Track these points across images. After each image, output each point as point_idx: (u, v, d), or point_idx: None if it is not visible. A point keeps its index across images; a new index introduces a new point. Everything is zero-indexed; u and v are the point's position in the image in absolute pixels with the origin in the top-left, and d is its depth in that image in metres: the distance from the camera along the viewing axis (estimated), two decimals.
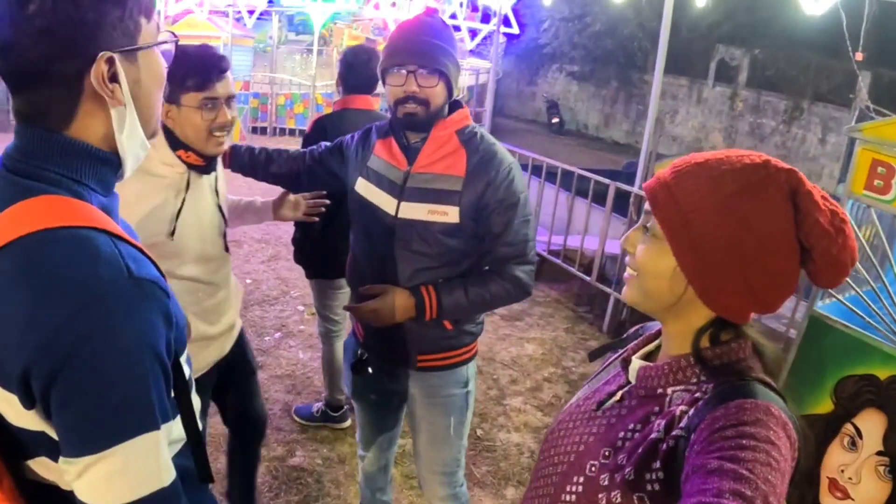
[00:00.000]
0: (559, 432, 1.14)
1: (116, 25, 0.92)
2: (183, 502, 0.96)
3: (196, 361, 2.01)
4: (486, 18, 12.32)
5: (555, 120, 19.26)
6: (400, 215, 1.92)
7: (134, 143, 1.00)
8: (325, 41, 14.01)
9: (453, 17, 12.67)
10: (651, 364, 1.05)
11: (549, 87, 21.14)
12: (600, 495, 0.96)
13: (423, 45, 1.84)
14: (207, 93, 1.83)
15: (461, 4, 13.73)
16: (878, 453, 2.40)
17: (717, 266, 0.94)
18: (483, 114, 9.87)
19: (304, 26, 15.05)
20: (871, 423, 2.45)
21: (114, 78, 0.93)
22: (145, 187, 1.84)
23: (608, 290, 5.09)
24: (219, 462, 3.18)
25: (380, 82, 2.05)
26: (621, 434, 1.01)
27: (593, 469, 1.00)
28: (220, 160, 2.07)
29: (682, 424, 0.92)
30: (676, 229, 0.95)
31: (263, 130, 12.62)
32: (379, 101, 2.85)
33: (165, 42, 1.02)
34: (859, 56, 7.42)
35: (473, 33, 13.38)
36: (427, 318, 1.90)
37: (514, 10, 13.27)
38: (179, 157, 1.90)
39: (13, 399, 0.89)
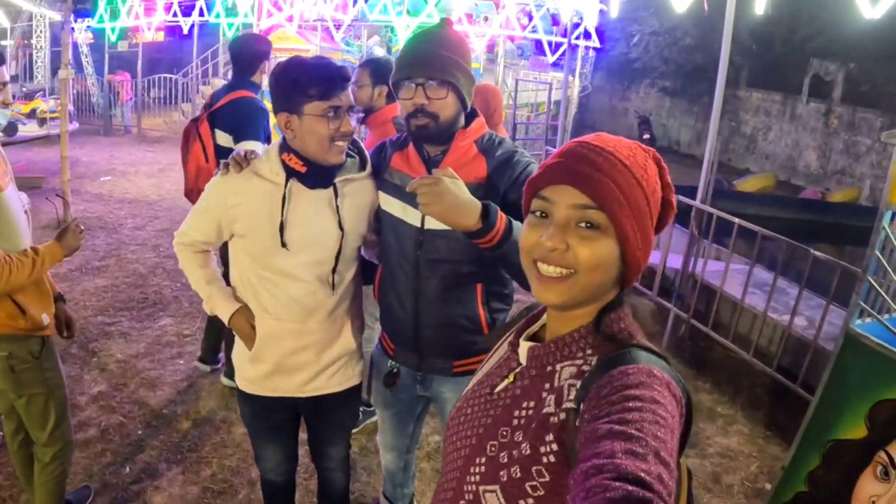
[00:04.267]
0: (459, 419, 1.18)
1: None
2: None
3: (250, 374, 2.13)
4: (566, 32, 12.31)
5: (646, 136, 18.93)
6: (427, 226, 1.92)
7: None
8: None
9: (534, 30, 12.73)
10: (539, 344, 1.09)
11: (640, 102, 20.85)
12: (501, 472, 1.00)
13: (431, 57, 1.81)
14: (332, 101, 1.82)
15: (550, 16, 13.77)
16: None
17: (645, 237, 1.03)
18: (557, 127, 9.82)
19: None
20: None
21: None
22: (252, 188, 1.93)
23: (668, 304, 5.05)
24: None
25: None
26: (516, 413, 1.05)
27: (493, 449, 1.04)
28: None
29: (570, 397, 0.96)
30: (624, 213, 0.99)
31: None
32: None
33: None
34: None
35: (555, 48, 13.38)
36: (493, 232, 1.59)
37: (600, 25, 13.19)
38: (283, 162, 1.92)
39: None
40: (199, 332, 4.61)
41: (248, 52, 3.46)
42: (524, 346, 1.12)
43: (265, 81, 3.52)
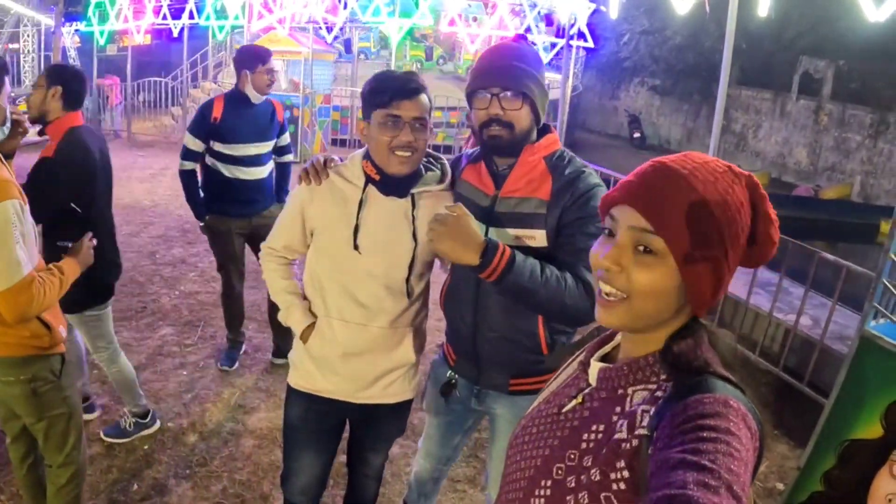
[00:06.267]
0: (523, 437, 1.15)
1: None
2: None
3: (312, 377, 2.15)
4: (560, 32, 12.30)
5: (636, 134, 19.04)
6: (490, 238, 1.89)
7: None
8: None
9: (528, 30, 12.73)
10: (611, 366, 1.07)
11: (630, 101, 20.92)
12: (568, 497, 0.98)
13: (506, 69, 1.84)
14: (390, 110, 1.87)
15: (541, 16, 13.76)
16: None
17: (715, 270, 0.97)
18: (555, 127, 9.82)
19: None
20: None
21: None
22: (334, 188, 2.01)
23: None
24: (273, 454, 3.35)
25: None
26: (585, 436, 1.02)
27: (560, 472, 1.02)
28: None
29: (644, 423, 0.94)
30: (683, 242, 0.95)
31: (344, 142, 13.00)
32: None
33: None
34: None
35: (548, 48, 13.40)
36: (490, 268, 1.68)
37: (592, 24, 13.19)
38: (364, 170, 1.99)
39: None
40: (201, 342, 4.57)
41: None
42: (595, 367, 1.09)
43: (248, 88, 3.84)
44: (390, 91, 1.87)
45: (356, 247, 1.97)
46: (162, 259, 6.23)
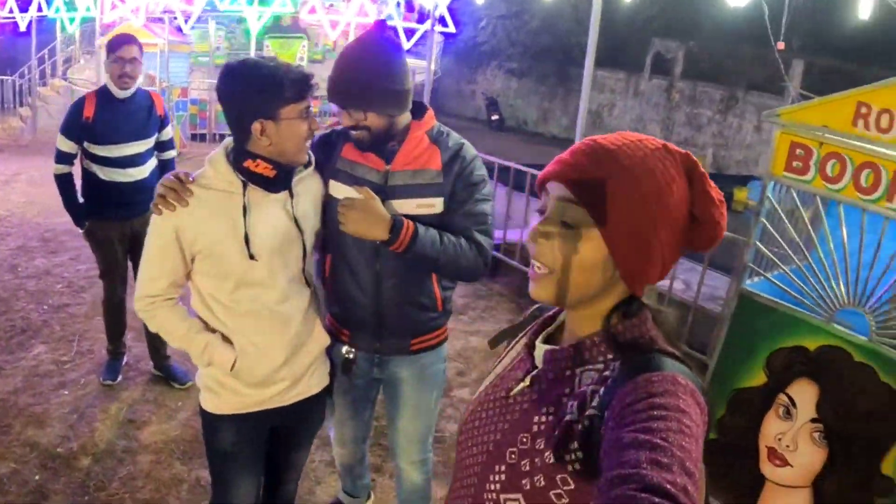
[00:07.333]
0: (473, 423, 1.14)
1: None
2: None
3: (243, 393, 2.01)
4: (422, 18, 12.36)
5: (494, 117, 19.34)
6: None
7: None
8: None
9: (389, 17, 12.71)
10: (557, 347, 1.06)
11: (488, 84, 21.25)
12: (524, 481, 0.98)
13: (346, 86, 1.94)
14: (304, 104, 1.82)
15: (398, 4, 13.77)
16: (812, 420, 2.52)
17: (642, 242, 0.97)
18: None
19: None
20: (803, 393, 2.58)
21: None
22: (206, 209, 1.83)
23: None
24: (173, 468, 3.20)
25: None
26: (536, 419, 1.02)
27: (513, 456, 1.01)
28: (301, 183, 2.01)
29: (594, 403, 0.93)
30: (605, 213, 0.96)
31: (203, 137, 12.43)
32: None
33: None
34: (781, 45, 7.74)
35: (410, 33, 13.41)
36: (398, 241, 1.89)
37: (451, 9, 13.31)
38: (247, 169, 1.83)
39: None
40: (78, 357, 4.27)
41: None
42: (541, 349, 1.09)
43: (109, 82, 3.58)
44: (297, 85, 1.80)
45: (251, 256, 1.87)
46: (24, 272, 5.74)
